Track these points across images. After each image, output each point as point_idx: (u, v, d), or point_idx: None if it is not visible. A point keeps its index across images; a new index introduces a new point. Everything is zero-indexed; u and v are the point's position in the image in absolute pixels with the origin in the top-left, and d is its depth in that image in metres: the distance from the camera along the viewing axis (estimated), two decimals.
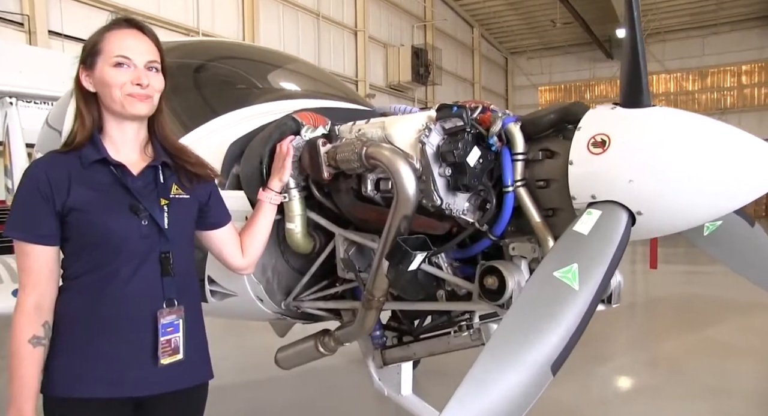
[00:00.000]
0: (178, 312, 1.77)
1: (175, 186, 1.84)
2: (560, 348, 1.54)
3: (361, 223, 2.28)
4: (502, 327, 1.57)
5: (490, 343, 1.54)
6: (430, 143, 1.94)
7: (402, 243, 1.86)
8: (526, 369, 1.52)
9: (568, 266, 1.63)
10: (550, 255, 1.69)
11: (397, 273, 1.93)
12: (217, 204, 1.98)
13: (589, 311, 1.61)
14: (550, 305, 1.59)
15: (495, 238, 2.02)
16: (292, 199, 2.26)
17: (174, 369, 1.77)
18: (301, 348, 2.69)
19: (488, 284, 1.98)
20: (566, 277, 1.62)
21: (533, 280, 1.65)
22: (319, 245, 2.39)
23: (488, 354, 1.54)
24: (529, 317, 1.58)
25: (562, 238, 1.71)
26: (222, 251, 2.04)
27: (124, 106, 1.73)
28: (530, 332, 1.56)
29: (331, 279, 2.55)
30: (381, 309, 2.22)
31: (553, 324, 1.56)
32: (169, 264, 1.77)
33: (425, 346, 2.34)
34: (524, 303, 1.61)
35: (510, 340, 1.55)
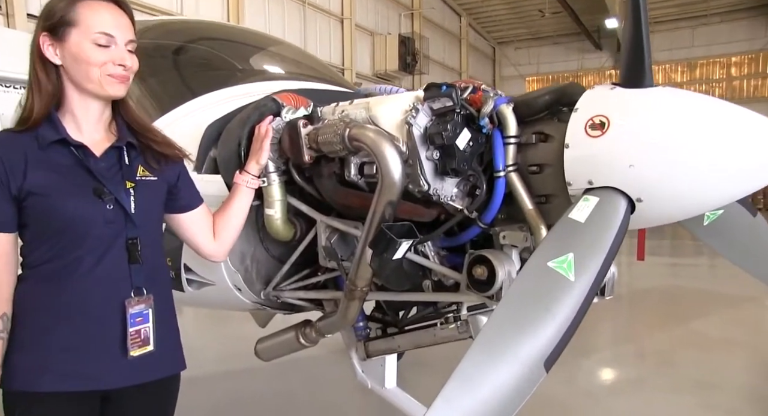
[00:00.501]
0: (147, 301, 1.68)
1: (141, 167, 1.73)
2: (554, 343, 1.45)
3: (344, 210, 2.17)
4: (492, 321, 1.46)
5: (480, 338, 1.44)
6: (417, 124, 1.83)
7: (386, 231, 1.75)
8: (518, 366, 1.42)
9: (564, 256, 1.53)
10: (543, 244, 1.59)
11: (381, 261, 1.82)
12: (186, 185, 1.87)
13: (585, 303, 1.51)
14: (543, 297, 1.49)
15: (485, 226, 1.92)
16: (272, 183, 2.14)
17: (143, 361, 1.67)
18: (282, 340, 2.59)
19: (477, 274, 1.88)
20: (561, 267, 1.52)
21: (525, 271, 1.54)
22: (300, 232, 2.28)
23: (477, 349, 1.44)
24: (520, 310, 1.48)
25: (557, 226, 1.61)
26: (193, 236, 1.92)
27: (103, 87, 1.62)
28: (522, 326, 1.46)
29: (312, 268, 2.44)
30: (364, 300, 2.11)
31: (546, 317, 1.46)
32: (136, 250, 1.67)
33: (410, 338, 2.24)
34: (516, 294, 1.51)
35: (501, 335, 1.45)
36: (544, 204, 1.87)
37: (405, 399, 2.67)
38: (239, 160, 2.15)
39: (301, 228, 2.28)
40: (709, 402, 4.16)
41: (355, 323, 2.38)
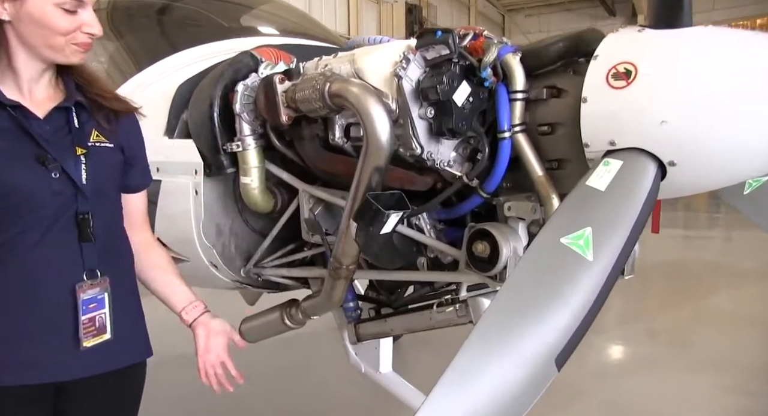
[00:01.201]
0: (101, 285, 1.46)
1: (95, 132, 1.49)
2: (567, 336, 1.20)
3: (329, 177, 1.93)
4: (494, 308, 1.22)
5: (479, 327, 1.20)
6: (408, 77, 1.56)
7: (372, 201, 1.51)
8: (524, 363, 1.18)
9: (580, 231, 1.28)
10: (555, 217, 1.34)
11: (368, 236, 1.58)
12: (140, 159, 1.62)
13: (605, 288, 1.26)
14: (555, 280, 1.24)
15: (487, 196, 1.67)
16: (247, 148, 1.89)
17: (101, 350, 1.47)
18: (267, 320, 2.36)
19: (478, 251, 1.63)
20: (577, 245, 1.27)
21: (534, 248, 1.30)
22: (281, 203, 2.04)
23: (475, 341, 1.20)
24: (527, 295, 1.23)
25: (572, 196, 1.36)
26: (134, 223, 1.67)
27: (67, 56, 1.41)
28: (529, 314, 1.21)
29: (298, 242, 2.20)
30: (351, 279, 1.88)
31: (559, 304, 1.22)
32: (88, 227, 1.44)
33: (403, 322, 2.00)
34: (522, 277, 1.26)
35: (503, 325, 1.21)
36: (556, 170, 1.63)
37: (401, 385, 2.45)
38: (212, 123, 1.90)
39: (282, 199, 2.03)
40: (726, 383, 3.94)
41: (345, 303, 2.15)
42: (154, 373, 1.71)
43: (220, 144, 1.90)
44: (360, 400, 3.57)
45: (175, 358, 4.45)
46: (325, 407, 3.64)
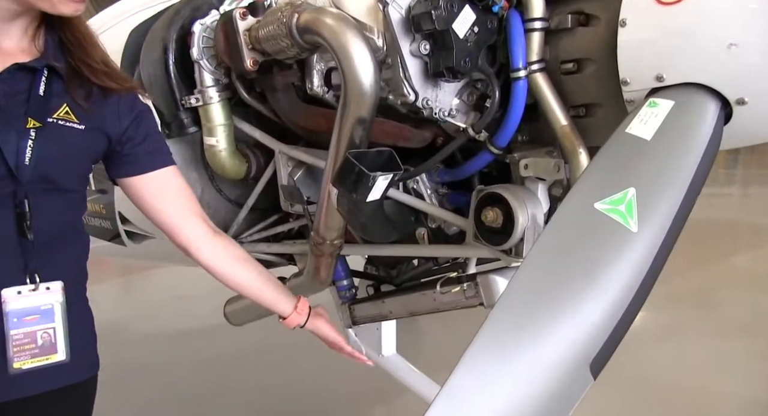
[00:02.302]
0: (48, 293, 1.18)
1: (65, 107, 1.17)
2: (605, 334, 0.90)
3: (309, 135, 1.62)
4: (510, 297, 0.92)
5: (491, 321, 0.90)
6: (396, 3, 1.24)
7: (354, 161, 1.20)
8: (550, 368, 0.88)
9: (620, 193, 0.97)
10: (588, 176, 1.02)
11: (352, 205, 1.28)
12: (143, 136, 1.27)
13: (654, 269, 0.96)
14: (588, 259, 0.93)
15: (498, 152, 1.36)
16: (210, 102, 1.58)
17: (39, 369, 1.18)
18: (251, 301, 2.09)
19: (488, 219, 1.33)
20: (616, 211, 0.96)
21: (561, 217, 0.99)
22: (255, 167, 1.73)
23: (487, 337, 0.90)
24: (552, 279, 0.93)
25: (608, 148, 1.04)
26: (159, 212, 1.32)
27: (55, 6, 1.10)
28: (555, 306, 0.91)
29: (281, 213, 1.91)
30: (338, 256, 1.59)
31: (594, 292, 0.91)
32: (24, 220, 1.14)
33: (404, 303, 1.71)
34: (545, 255, 0.95)
35: (521, 318, 0.90)
36: (584, 118, 1.32)
37: (407, 369, 2.19)
38: (166, 73, 1.59)
39: (257, 163, 1.73)
40: (757, 348, 3.67)
41: (338, 281, 1.86)
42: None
43: (178, 98, 1.59)
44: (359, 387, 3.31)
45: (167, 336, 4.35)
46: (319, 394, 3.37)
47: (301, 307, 1.44)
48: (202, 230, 1.33)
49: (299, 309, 1.43)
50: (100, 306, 1.44)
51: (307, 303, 1.46)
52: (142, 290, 5.32)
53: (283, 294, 1.44)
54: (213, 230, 1.35)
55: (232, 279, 1.37)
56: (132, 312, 4.60)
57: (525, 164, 1.34)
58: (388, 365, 2.25)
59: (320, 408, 3.19)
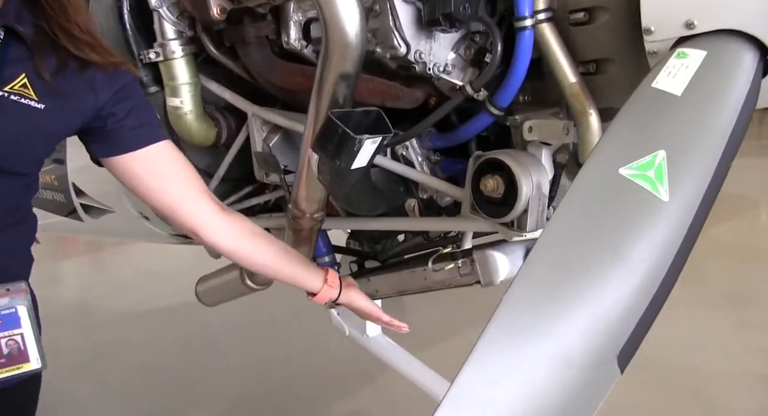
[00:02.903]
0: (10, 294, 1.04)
1: (23, 78, 0.98)
2: (632, 320, 0.77)
3: (286, 95, 1.46)
4: (527, 277, 0.78)
5: (507, 304, 0.75)
6: None
7: (337, 122, 1.04)
8: (572, 361, 0.75)
9: (648, 156, 0.83)
10: (610, 137, 0.88)
11: (335, 172, 1.13)
12: (126, 111, 1.08)
13: (687, 242, 0.83)
14: (613, 233, 0.80)
15: (499, 113, 1.21)
16: (172, 57, 1.41)
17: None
18: (225, 280, 1.93)
19: (488, 189, 1.18)
20: (644, 177, 0.82)
21: (581, 185, 0.84)
22: (226, 133, 1.57)
23: (502, 324, 0.76)
24: (574, 257, 0.79)
25: (633, 105, 0.90)
26: (155, 192, 1.14)
27: None
28: (578, 287, 0.77)
29: (255, 184, 1.75)
30: (319, 231, 1.44)
31: (621, 271, 0.78)
32: None
33: (391, 282, 1.56)
34: (565, 228, 0.82)
35: (540, 303, 0.77)
36: (594, 74, 1.18)
37: (393, 349, 2.07)
38: (120, 23, 1.41)
39: (227, 127, 1.56)
40: (746, 319, 3.63)
41: (318, 257, 1.71)
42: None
43: (135, 52, 1.42)
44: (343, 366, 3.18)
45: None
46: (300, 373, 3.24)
47: (332, 280, 1.28)
48: (209, 209, 1.16)
49: (330, 281, 1.28)
50: (69, 285, 1.32)
51: (336, 274, 1.31)
52: (113, 267, 5.13)
53: (309, 267, 1.28)
54: (221, 207, 1.18)
55: (249, 258, 1.21)
56: (103, 291, 4.42)
57: (529, 127, 1.19)
58: (374, 345, 2.13)
59: (302, 388, 3.07)
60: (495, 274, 1.32)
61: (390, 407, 2.83)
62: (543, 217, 1.19)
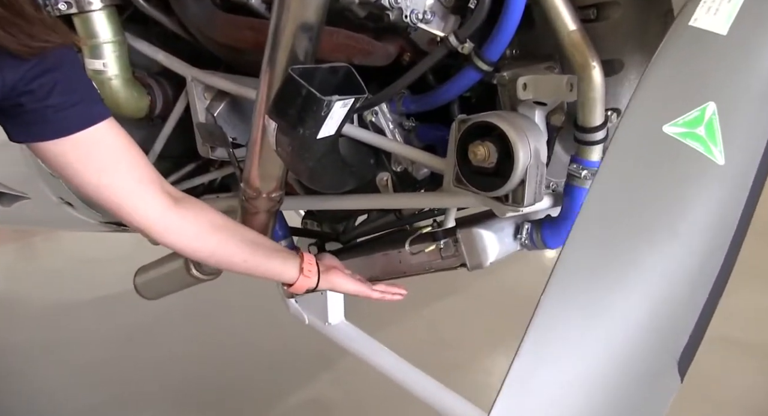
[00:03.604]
0: None
1: None
2: (692, 316, 0.62)
3: (231, 56, 1.24)
4: (568, 266, 0.61)
5: (548, 299, 0.59)
6: None
7: (300, 80, 0.85)
8: (622, 371, 0.59)
9: (696, 110, 0.67)
10: (647, 89, 0.71)
11: (297, 143, 0.94)
12: (48, 89, 0.83)
13: (746, 217, 0.67)
14: (666, 206, 0.64)
15: (488, 68, 1.03)
16: (88, 9, 1.16)
17: None
18: (168, 270, 1.72)
19: (478, 158, 1.01)
20: (693, 136, 0.66)
21: (619, 148, 0.68)
22: (161, 102, 1.34)
23: (545, 325, 0.60)
24: (618, 238, 0.63)
25: (669, 48, 0.73)
26: (96, 186, 0.92)
27: None
28: (625, 275, 0.61)
29: (198, 161, 1.53)
30: (276, 213, 1.24)
31: (676, 250, 0.62)
32: None
33: (360, 266, 1.37)
34: (606, 203, 0.65)
35: (578, 300, 0.60)
36: (595, 21, 1.02)
37: (359, 338, 1.89)
38: None
39: (163, 95, 1.34)
40: None
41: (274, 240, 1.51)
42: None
43: (41, 2, 1.17)
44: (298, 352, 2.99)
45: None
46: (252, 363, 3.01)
47: (308, 267, 1.13)
48: (161, 203, 0.96)
49: (306, 270, 1.12)
50: None
51: (312, 258, 1.15)
52: (45, 254, 4.76)
53: (282, 257, 1.11)
54: (174, 199, 0.98)
55: (212, 258, 1.04)
56: (32, 282, 4.08)
57: (524, 83, 1.02)
58: (337, 333, 1.95)
59: (256, 376, 2.87)
60: (483, 255, 1.15)
61: (350, 394, 2.68)
62: (541, 189, 1.03)
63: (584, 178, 1.06)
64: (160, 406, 2.71)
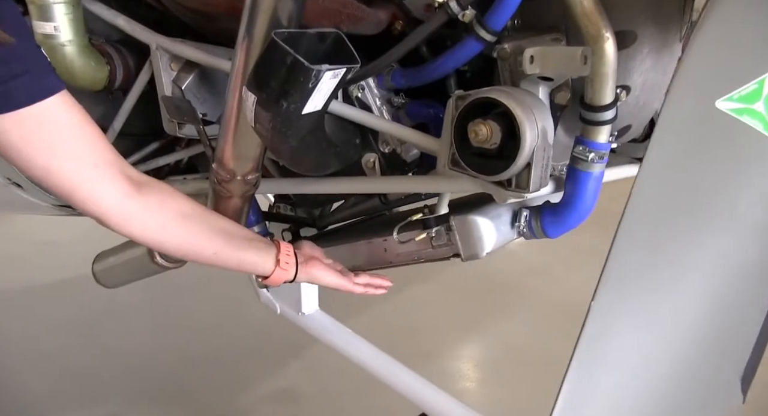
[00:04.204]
0: None
1: None
2: (756, 323, 0.53)
3: (201, 22, 1.12)
4: (617, 265, 0.52)
5: (601, 303, 0.50)
6: None
7: (285, 47, 0.74)
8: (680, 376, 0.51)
9: (753, 82, 0.59)
10: (695, 60, 0.62)
11: (280, 118, 0.83)
12: None
13: None
14: (724, 189, 0.55)
15: (492, 38, 0.93)
16: None
17: None
18: (129, 258, 1.60)
19: (479, 138, 0.91)
20: (751, 112, 0.58)
21: (669, 126, 0.59)
22: (122, 73, 1.21)
23: (597, 334, 0.51)
24: (665, 234, 0.54)
25: (715, 14, 0.64)
26: (43, 169, 0.80)
27: None
28: (674, 279, 0.52)
29: (164, 139, 1.41)
30: (251, 198, 1.13)
31: (739, 239, 0.54)
32: None
33: (341, 255, 1.27)
34: (660, 187, 0.56)
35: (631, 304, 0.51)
36: None
37: (333, 328, 1.79)
38: None
39: (123, 65, 1.21)
40: None
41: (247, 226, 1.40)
42: None
43: None
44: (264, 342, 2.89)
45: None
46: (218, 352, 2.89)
47: (285, 258, 1.02)
48: (120, 190, 0.84)
49: (283, 262, 1.01)
50: None
51: (290, 248, 1.05)
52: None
53: (256, 247, 1.01)
54: (136, 184, 0.86)
55: (179, 250, 0.93)
56: None
57: (530, 56, 0.92)
58: (311, 324, 1.85)
59: (222, 364, 2.76)
60: (479, 245, 1.06)
61: (321, 383, 2.59)
62: (547, 173, 0.94)
63: (591, 161, 0.97)
64: (122, 397, 2.58)
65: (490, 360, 2.73)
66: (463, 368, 2.67)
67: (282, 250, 1.02)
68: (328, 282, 1.08)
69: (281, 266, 1.01)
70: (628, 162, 1.36)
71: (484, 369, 2.66)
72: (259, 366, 2.74)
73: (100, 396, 2.58)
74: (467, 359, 2.75)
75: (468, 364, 2.71)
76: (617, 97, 0.95)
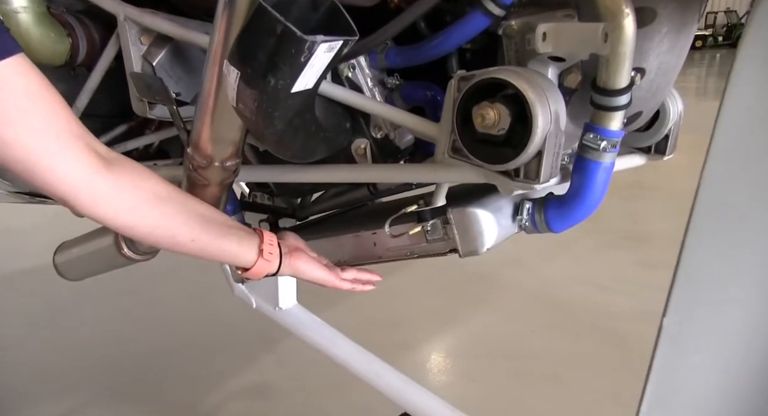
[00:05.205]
0: None
1: None
2: None
3: None
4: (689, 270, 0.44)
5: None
6: None
7: (275, 14, 0.64)
8: None
9: None
10: (754, 37, 0.54)
11: (265, 96, 0.73)
12: None
13: None
14: None
15: (500, 12, 0.85)
16: None
17: None
18: (95, 248, 1.48)
19: (486, 123, 0.82)
20: None
21: (731, 114, 0.51)
22: (86, 46, 1.09)
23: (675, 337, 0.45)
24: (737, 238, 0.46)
25: None
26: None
27: None
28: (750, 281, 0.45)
29: (132, 120, 1.30)
30: (230, 186, 1.03)
31: None
32: None
33: (326, 249, 1.18)
34: (722, 194, 0.48)
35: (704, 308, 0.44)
36: None
37: (313, 324, 1.70)
38: None
39: (87, 38, 1.09)
40: (642, 257, 3.62)
41: None
42: None
43: None
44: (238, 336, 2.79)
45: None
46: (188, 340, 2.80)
47: (269, 248, 0.93)
48: (87, 165, 0.72)
49: (266, 252, 0.92)
50: None
51: (274, 238, 0.96)
52: None
53: (238, 236, 0.91)
54: (105, 160, 0.75)
55: (153, 235, 0.82)
56: None
57: (543, 33, 0.83)
58: (288, 319, 1.76)
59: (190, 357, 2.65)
60: (479, 240, 0.97)
61: (293, 377, 2.50)
62: (558, 162, 0.86)
63: (602, 149, 0.89)
64: (86, 391, 2.46)
65: (468, 353, 2.68)
66: (440, 360, 2.62)
67: (265, 240, 0.93)
68: (313, 276, 0.99)
69: (264, 257, 0.91)
70: (628, 152, 1.29)
71: (460, 362, 2.61)
72: (231, 359, 2.64)
73: (64, 390, 2.46)
74: (444, 351, 2.70)
75: (445, 357, 2.66)
76: (632, 80, 0.87)
